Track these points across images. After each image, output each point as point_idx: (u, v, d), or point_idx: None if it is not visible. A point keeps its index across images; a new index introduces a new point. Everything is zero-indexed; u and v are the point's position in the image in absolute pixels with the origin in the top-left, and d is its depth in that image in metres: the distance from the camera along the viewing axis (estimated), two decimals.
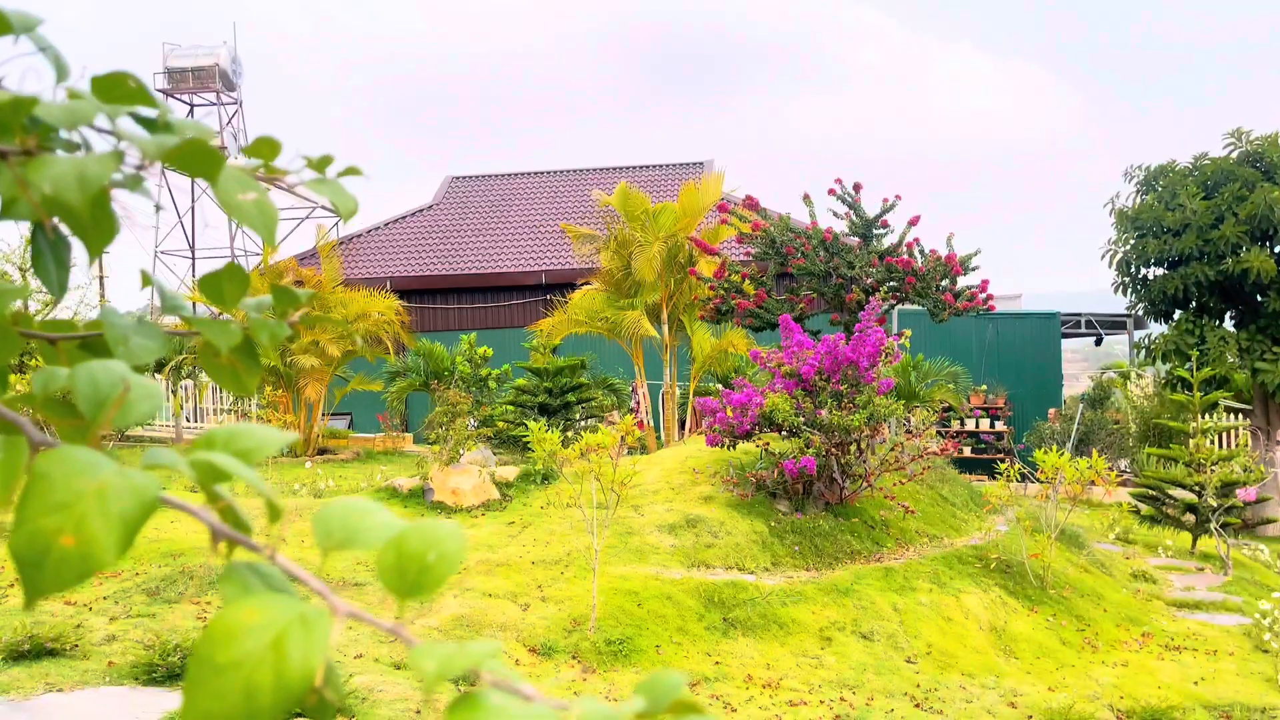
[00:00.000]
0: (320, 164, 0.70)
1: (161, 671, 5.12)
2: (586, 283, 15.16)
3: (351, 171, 0.69)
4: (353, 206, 0.66)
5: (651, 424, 14.45)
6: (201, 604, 6.30)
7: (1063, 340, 21.97)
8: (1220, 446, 17.43)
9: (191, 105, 33.48)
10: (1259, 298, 14.51)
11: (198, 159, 0.54)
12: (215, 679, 0.41)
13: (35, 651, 5.32)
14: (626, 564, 7.47)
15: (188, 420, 19.86)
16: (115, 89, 0.56)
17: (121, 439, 16.94)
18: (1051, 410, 18.94)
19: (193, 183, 33.92)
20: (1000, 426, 19.40)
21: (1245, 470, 10.63)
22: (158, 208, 0.65)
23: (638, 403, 14.65)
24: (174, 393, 17.93)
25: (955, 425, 19.04)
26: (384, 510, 0.49)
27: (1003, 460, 9.24)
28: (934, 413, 15.90)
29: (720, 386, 12.25)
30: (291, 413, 14.77)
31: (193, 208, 33.48)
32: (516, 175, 26.20)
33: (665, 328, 14.11)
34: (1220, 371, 13.76)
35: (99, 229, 0.53)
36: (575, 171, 26.02)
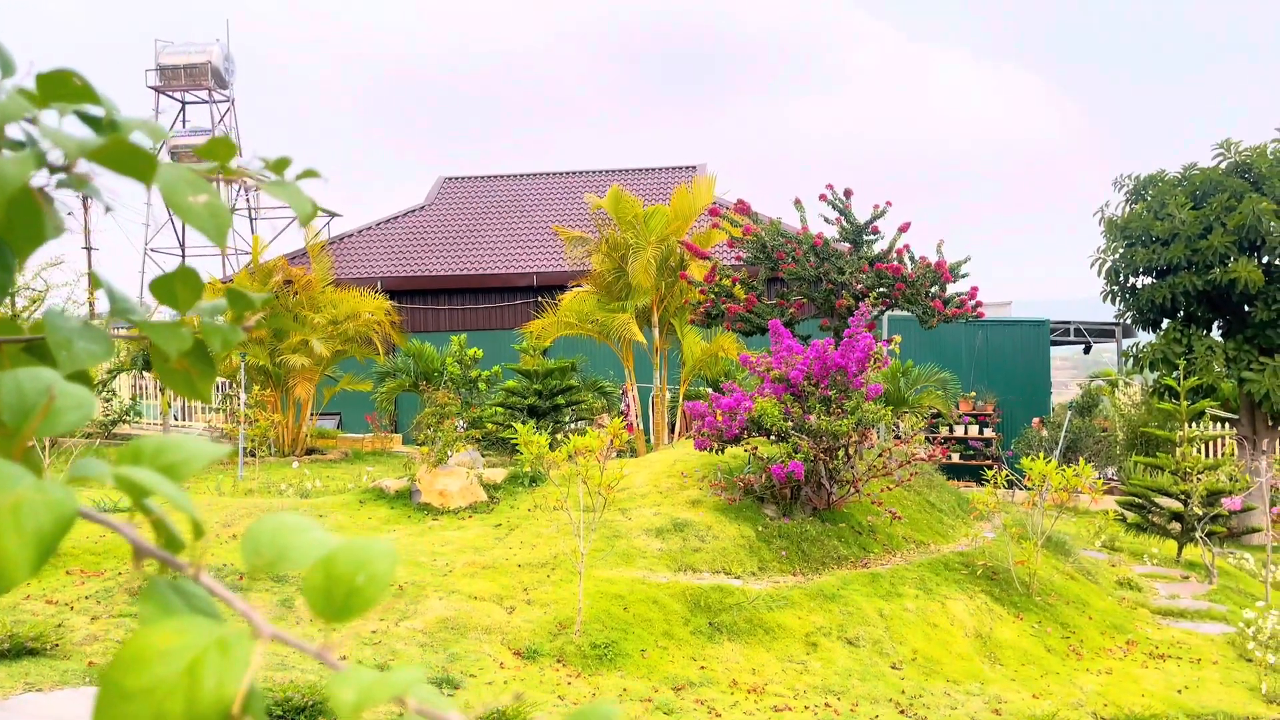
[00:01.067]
0: (278, 166, 0.69)
1: None
2: (578, 285, 15.15)
3: (309, 174, 0.68)
4: (309, 210, 0.65)
5: (641, 427, 14.43)
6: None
7: (1052, 348, 22.04)
8: (1207, 455, 17.51)
9: (183, 103, 33.41)
10: (1246, 308, 14.58)
11: (126, 159, 0.53)
12: (123, 706, 0.40)
13: (15, 651, 5.29)
14: (613, 567, 7.45)
15: (176, 418, 19.78)
16: (60, 87, 0.55)
17: (108, 438, 16.85)
18: (1036, 419, 18.99)
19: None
20: (989, 433, 19.44)
21: (1231, 479, 10.67)
22: (107, 208, 0.64)
23: (628, 406, 14.64)
24: (162, 391, 17.84)
25: (944, 431, 19.08)
26: (317, 527, 0.48)
27: (990, 467, 9.26)
28: (923, 419, 15.94)
29: (710, 390, 12.25)
30: (280, 412, 14.72)
31: None
32: (509, 177, 26.18)
33: (656, 331, 14.11)
34: (1207, 380, 13.82)
35: (24, 231, 0.52)
36: (568, 174, 26.01)
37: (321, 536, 0.47)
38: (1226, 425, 16.17)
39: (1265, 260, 14.20)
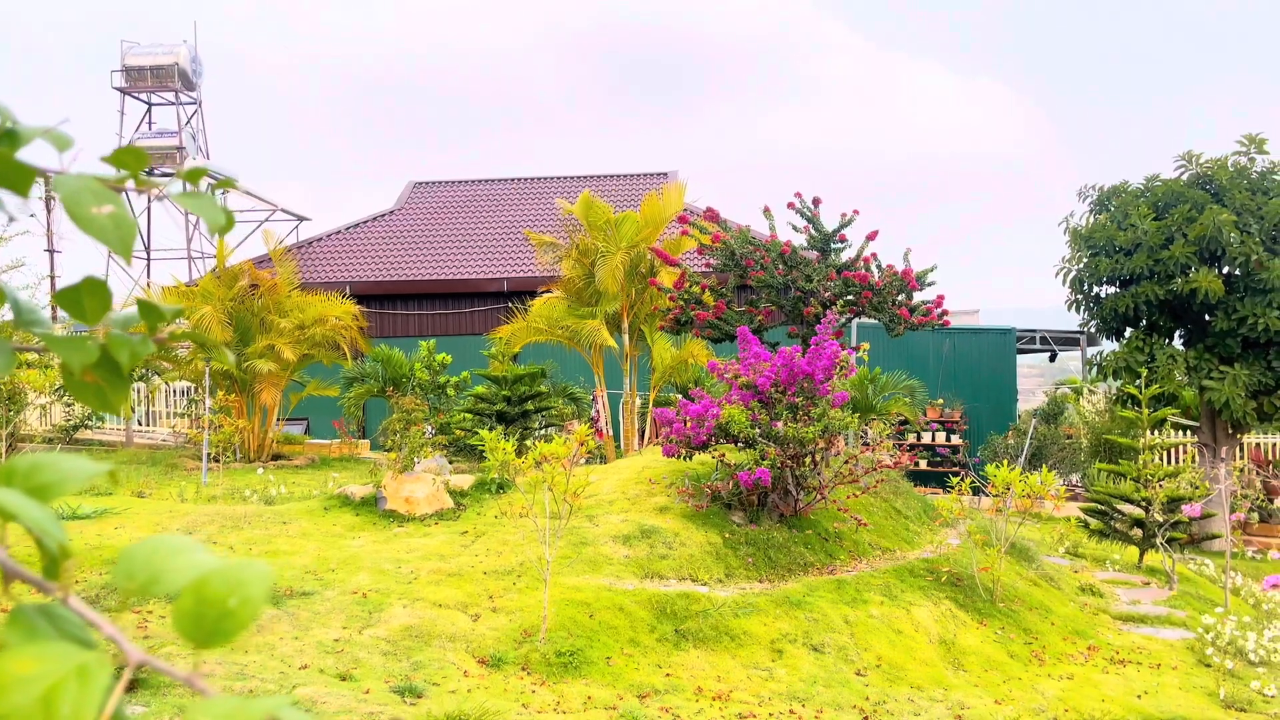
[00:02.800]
0: (192, 175, 0.68)
1: None
2: (548, 290, 15.12)
3: (226, 184, 0.67)
4: (223, 222, 0.64)
5: (611, 433, 14.42)
6: (143, 613, 6.17)
7: (1019, 355, 22.29)
8: (1168, 463, 17.76)
9: (149, 104, 33.03)
10: (1207, 317, 14.81)
11: (2, 171, 0.51)
12: None
13: None
14: (580, 574, 7.43)
15: (140, 423, 19.50)
16: None
17: (69, 442, 16.59)
18: (997, 436, 19.18)
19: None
20: (956, 440, 19.61)
21: (1192, 486, 10.83)
22: (10, 218, 0.63)
23: (598, 412, 14.62)
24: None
25: (911, 438, 19.22)
26: (197, 549, 0.47)
27: (957, 474, 9.34)
28: (890, 425, 16.04)
29: (680, 397, 12.26)
30: (245, 418, 14.55)
31: (148, 209, 32.95)
32: (480, 182, 26.11)
33: (626, 337, 14.11)
34: (1169, 389, 14.01)
35: None
36: (539, 179, 25.98)
37: (198, 559, 0.46)
38: (1189, 433, 16.42)
39: (1225, 271, 14.42)
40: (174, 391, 19.85)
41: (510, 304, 18.19)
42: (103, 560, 7.02)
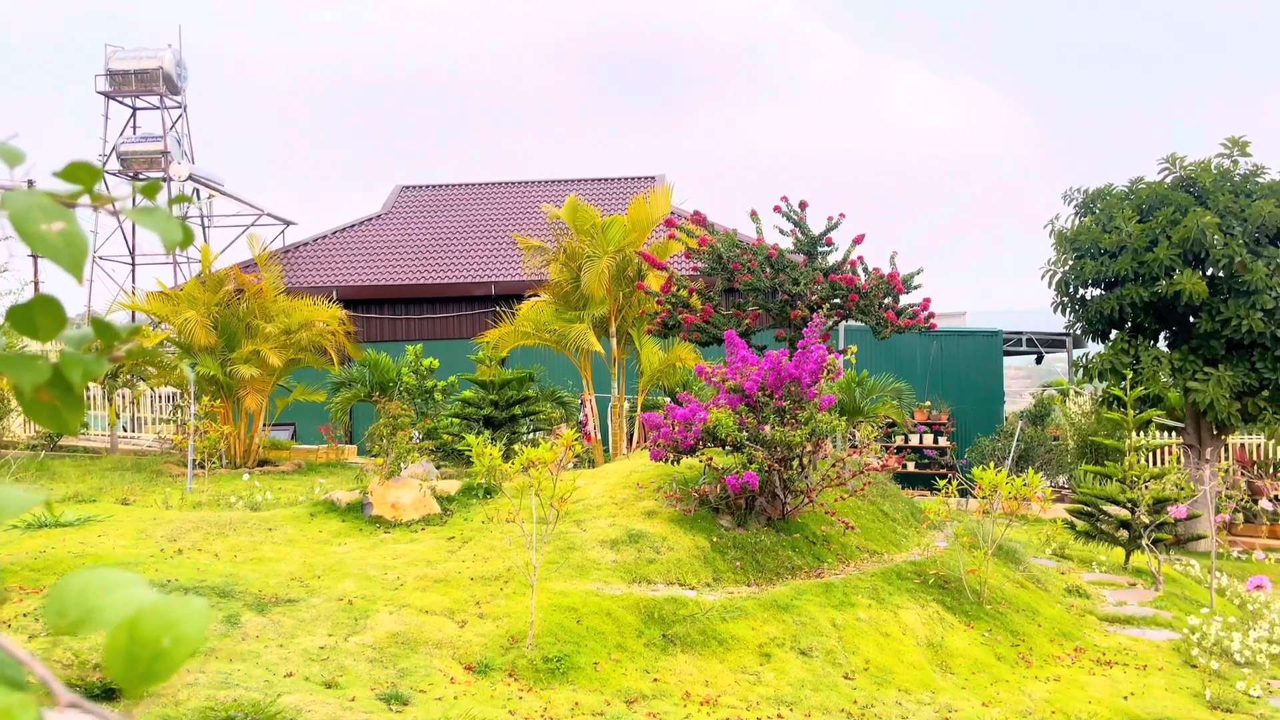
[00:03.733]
0: (150, 190, 0.67)
1: (80, 691, 4.96)
2: (535, 294, 15.10)
3: (181, 199, 0.66)
4: (179, 237, 0.63)
5: (599, 437, 14.40)
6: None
7: (1005, 357, 22.38)
8: (1153, 464, 17.84)
9: (134, 108, 32.84)
10: (1191, 319, 14.90)
11: None
12: None
13: None
14: (567, 580, 7.41)
15: (124, 430, 19.37)
16: None
17: (53, 449, 16.47)
18: (985, 438, 19.25)
19: (133, 188, 33.16)
20: (944, 442, 19.67)
21: (1177, 487, 10.88)
22: None
23: (586, 416, 14.61)
24: (109, 401, 17.48)
25: (899, 440, 19.26)
26: (133, 584, 0.45)
27: (943, 476, 9.36)
28: (878, 428, 16.07)
29: (668, 400, 12.25)
30: (231, 423, 14.47)
31: None
32: (468, 186, 26.06)
33: (614, 341, 14.09)
34: (1154, 390, 14.09)
35: None
36: (527, 183, 25.96)
37: (133, 594, 0.44)
38: (1174, 434, 16.50)
39: (1209, 273, 14.52)
40: (160, 397, 19.73)
41: (498, 308, 18.15)
42: (85, 568, 6.96)
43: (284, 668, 5.64)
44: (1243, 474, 17.00)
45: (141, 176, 32.73)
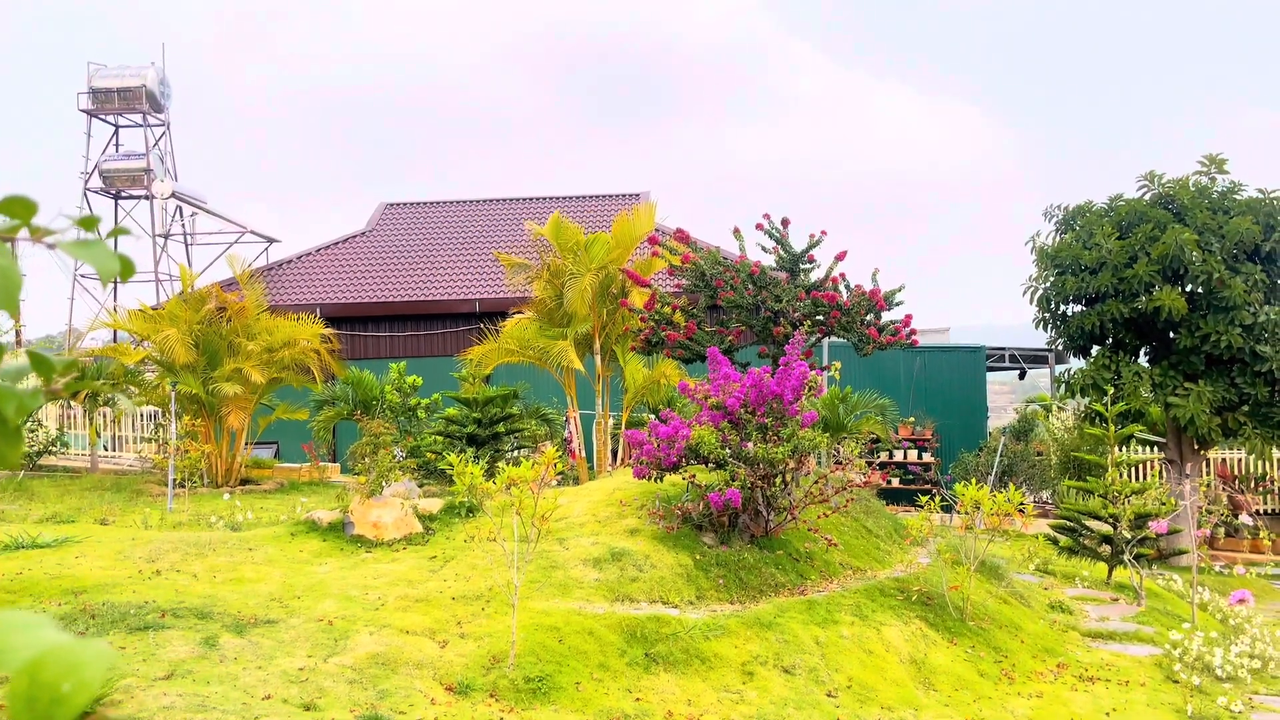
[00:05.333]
0: (87, 223, 0.67)
1: None
2: (519, 311, 15.09)
3: (118, 232, 0.66)
4: (114, 269, 0.63)
5: (584, 454, 14.37)
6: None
7: (989, 373, 22.48)
8: (1137, 479, 17.92)
9: (117, 126, 32.74)
10: (1171, 334, 15.01)
11: None
12: None
13: None
14: (550, 599, 7.37)
15: (105, 449, 19.21)
16: None
17: (33, 469, 16.32)
18: (969, 453, 19.32)
19: (115, 205, 33.07)
20: (928, 458, 19.72)
21: (1159, 502, 10.93)
22: None
23: (570, 433, 14.58)
24: (90, 421, 17.34)
25: (884, 456, 19.31)
26: (42, 626, 0.45)
27: (926, 492, 9.39)
28: (861, 444, 16.10)
29: (653, 417, 12.25)
30: (212, 442, 14.38)
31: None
32: (452, 203, 26.08)
33: (598, 358, 14.09)
34: (1135, 405, 14.17)
35: None
36: (511, 200, 25.99)
37: (40, 636, 0.43)
38: (1155, 449, 16.59)
39: (1188, 289, 14.64)
40: (141, 415, 19.59)
41: (482, 325, 18.12)
42: (61, 590, 6.89)
43: (262, 689, 5.58)
44: (1224, 489, 17.10)
45: (124, 194, 32.59)
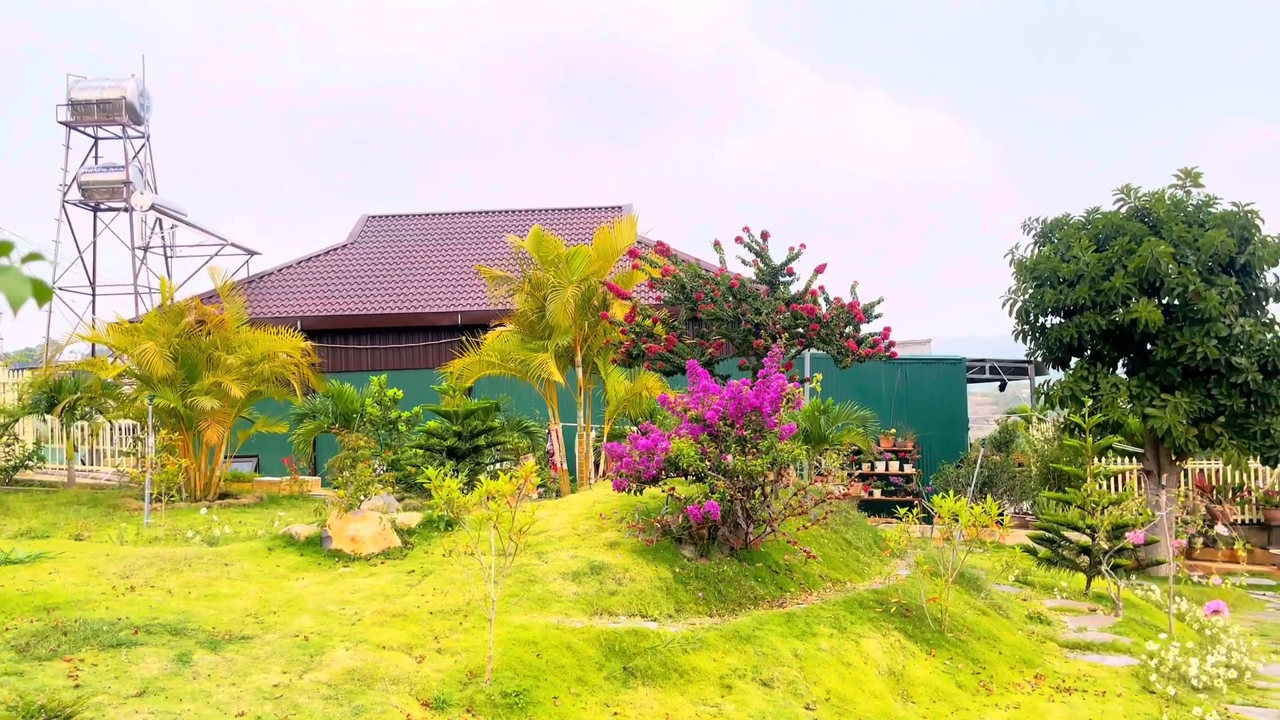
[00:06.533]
0: (2, 248, 0.67)
1: None
2: (501, 324, 15.08)
3: (33, 257, 0.66)
4: (24, 295, 0.63)
5: (566, 467, 14.35)
6: (74, 661, 5.99)
7: (970, 385, 22.59)
8: (1115, 490, 18.05)
9: (96, 138, 32.58)
10: (1148, 346, 15.14)
11: None
12: None
13: None
14: (528, 613, 7.35)
15: (83, 463, 19.04)
16: None
17: (9, 483, 16.15)
18: (949, 465, 19.39)
19: (94, 218, 32.86)
20: (909, 469, 19.78)
21: (1136, 513, 11.01)
22: None
23: (552, 446, 14.56)
24: (67, 434, 17.19)
25: (865, 468, 19.36)
26: None
27: (910, 503, 9.43)
28: (844, 456, 16.13)
29: (634, 429, 12.25)
30: (191, 456, 14.27)
31: (94, 243, 32.37)
32: (433, 215, 26.05)
33: (580, 370, 14.08)
34: (1113, 417, 14.27)
35: None
36: (493, 212, 25.99)
37: None
38: (1133, 460, 16.70)
39: (1164, 301, 14.78)
40: (119, 429, 19.44)
41: (464, 338, 18.08)
42: (34, 606, 6.81)
43: (236, 707, 5.53)
44: (1201, 499, 17.23)
45: (103, 206, 32.39)
